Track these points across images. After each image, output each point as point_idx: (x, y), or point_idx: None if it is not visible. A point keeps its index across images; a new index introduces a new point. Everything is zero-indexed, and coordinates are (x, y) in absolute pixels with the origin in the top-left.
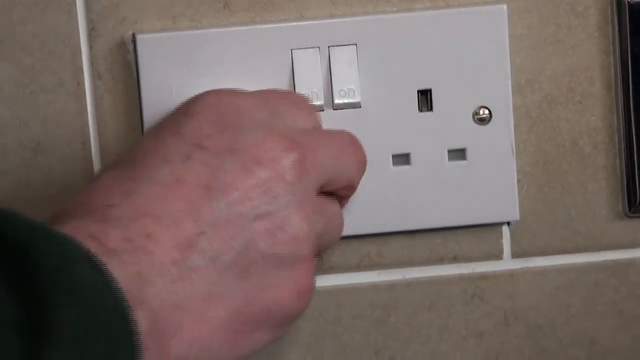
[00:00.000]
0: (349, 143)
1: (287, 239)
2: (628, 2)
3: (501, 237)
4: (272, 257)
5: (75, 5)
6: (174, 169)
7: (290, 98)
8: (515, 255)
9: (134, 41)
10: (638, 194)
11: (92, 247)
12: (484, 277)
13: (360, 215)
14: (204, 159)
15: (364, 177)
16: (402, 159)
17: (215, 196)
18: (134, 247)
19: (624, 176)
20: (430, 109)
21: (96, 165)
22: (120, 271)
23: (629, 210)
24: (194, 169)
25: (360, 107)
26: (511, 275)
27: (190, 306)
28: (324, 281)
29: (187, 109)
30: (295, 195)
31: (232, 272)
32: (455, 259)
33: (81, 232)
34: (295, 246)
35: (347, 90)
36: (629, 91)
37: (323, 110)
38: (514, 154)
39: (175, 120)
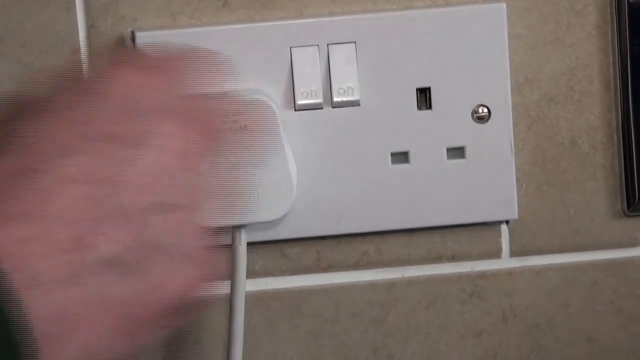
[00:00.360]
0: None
1: (177, 226)
2: (627, 0)
3: (500, 236)
4: (165, 249)
5: (75, 3)
6: (60, 163)
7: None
8: (514, 253)
9: (133, 39)
10: (637, 193)
11: None
12: (482, 275)
13: (359, 214)
14: (94, 151)
15: (362, 176)
16: (401, 157)
17: (104, 191)
18: (9, 254)
19: (623, 175)
20: (429, 107)
21: None
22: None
23: (628, 209)
24: (80, 163)
25: (359, 105)
26: (510, 273)
27: (79, 310)
28: (323, 279)
29: (89, 92)
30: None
31: (123, 270)
32: (454, 258)
33: None
34: (186, 233)
35: (346, 88)
36: (628, 90)
37: (322, 109)
38: (513, 152)
39: (67, 102)
